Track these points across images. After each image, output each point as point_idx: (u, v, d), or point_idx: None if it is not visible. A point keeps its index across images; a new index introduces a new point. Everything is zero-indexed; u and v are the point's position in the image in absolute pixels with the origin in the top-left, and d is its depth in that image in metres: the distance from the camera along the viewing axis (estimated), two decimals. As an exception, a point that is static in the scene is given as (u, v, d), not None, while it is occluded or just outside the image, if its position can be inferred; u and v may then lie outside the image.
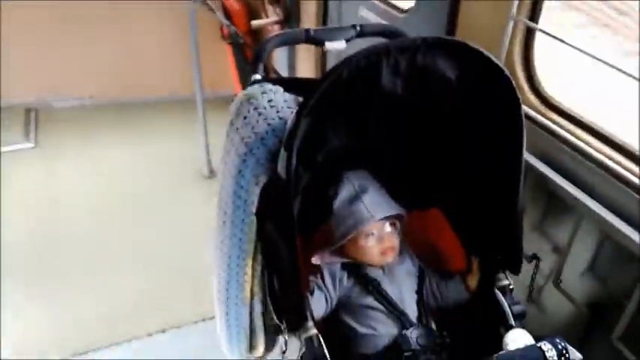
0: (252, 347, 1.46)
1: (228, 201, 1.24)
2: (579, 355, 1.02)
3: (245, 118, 1.18)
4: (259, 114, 1.17)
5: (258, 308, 1.38)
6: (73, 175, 3.02)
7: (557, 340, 1.01)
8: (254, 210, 1.19)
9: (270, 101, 1.19)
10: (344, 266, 1.36)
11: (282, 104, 1.19)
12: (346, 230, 1.29)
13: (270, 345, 1.44)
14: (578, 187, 1.40)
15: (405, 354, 1.24)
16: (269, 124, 1.16)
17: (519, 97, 1.09)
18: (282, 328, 1.19)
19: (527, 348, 1.01)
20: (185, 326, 2.17)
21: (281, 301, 1.18)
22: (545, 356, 0.99)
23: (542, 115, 1.58)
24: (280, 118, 1.17)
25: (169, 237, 2.61)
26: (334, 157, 1.25)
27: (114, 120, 3.54)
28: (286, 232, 1.08)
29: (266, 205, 1.14)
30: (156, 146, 3.33)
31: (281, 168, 1.03)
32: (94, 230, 2.63)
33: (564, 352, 0.99)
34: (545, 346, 1.00)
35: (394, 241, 1.34)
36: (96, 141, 3.32)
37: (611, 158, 1.39)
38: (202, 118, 2.94)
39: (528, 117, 1.56)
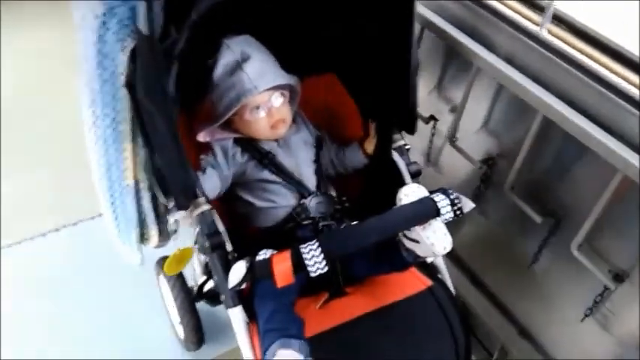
0: (144, 238, 1.39)
1: (93, 74, 1.07)
2: (472, 204, 1.03)
3: (99, -30, 0.99)
4: (117, -37, 0.98)
5: (145, 195, 1.28)
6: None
7: (450, 191, 1.01)
8: (124, 82, 1.04)
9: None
10: (236, 142, 1.27)
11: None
12: (229, 104, 1.18)
13: (165, 234, 1.37)
14: (477, 41, 1.36)
15: (304, 222, 1.22)
16: (129, -25, 0.98)
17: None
18: (170, 207, 1.11)
19: (420, 200, 1.00)
20: (81, 223, 2.04)
21: (166, 178, 1.08)
22: (437, 207, 0.98)
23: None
24: (143, -31, 0.99)
25: (54, 133, 2.37)
26: (212, 17, 1.10)
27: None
28: (159, 99, 0.96)
29: (135, 73, 0.99)
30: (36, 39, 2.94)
31: (141, 21, 0.88)
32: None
33: (456, 201, 1.00)
34: (438, 197, 1.00)
35: (284, 113, 1.25)
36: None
37: (511, 8, 1.35)
38: None
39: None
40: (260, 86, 1.16)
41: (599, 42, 1.24)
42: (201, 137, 1.23)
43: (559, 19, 1.29)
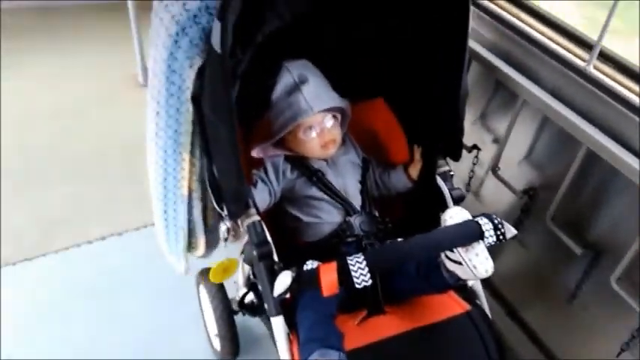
0: (191, 247, 1.44)
1: (160, 89, 1.15)
2: (514, 231, 1.04)
3: (174, -7, 1.08)
4: (190, -12, 1.07)
5: (197, 205, 1.35)
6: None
7: (493, 216, 1.03)
8: (189, 97, 1.12)
9: (202, -26, 1.09)
10: (287, 159, 1.34)
11: (215, -23, 1.10)
12: (284, 122, 1.25)
13: (211, 245, 1.43)
14: (524, 75, 1.40)
15: (349, 239, 1.26)
16: (202, 0, 1.06)
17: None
18: (224, 215, 1.17)
19: (464, 222, 1.03)
20: (126, 233, 2.12)
21: (222, 187, 1.14)
22: (481, 229, 1.01)
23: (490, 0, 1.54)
24: (214, -6, 1.07)
25: (107, 146, 2.49)
26: (274, 41, 1.18)
27: (36, 26, 3.24)
28: (224, 112, 1.03)
29: (202, 88, 1.07)
30: (85, 54, 3.10)
31: (215, 40, 0.95)
32: (25, 144, 2.47)
33: (500, 226, 1.02)
34: (482, 220, 1.02)
35: (335, 134, 1.31)
36: (18, 49, 3.04)
37: (558, 44, 1.39)
38: (134, 19, 2.73)
39: (474, 2, 1.52)
40: (315, 107, 1.23)
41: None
42: (255, 153, 1.30)
43: (605, 57, 1.32)
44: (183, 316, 1.84)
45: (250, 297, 1.44)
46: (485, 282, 1.04)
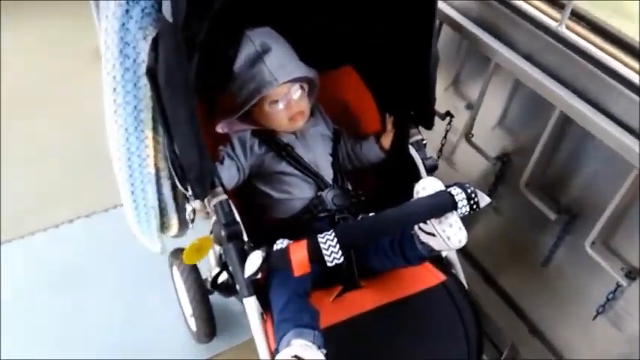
0: (164, 227, 1.40)
1: (115, 63, 1.08)
2: (488, 199, 1.02)
3: (124, -41, 1.00)
4: (140, -48, 0.99)
5: (165, 184, 1.29)
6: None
7: (466, 185, 1.01)
8: (145, 70, 1.06)
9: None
10: (254, 133, 1.28)
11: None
12: (248, 95, 1.19)
13: (184, 223, 1.38)
14: (496, 38, 1.36)
15: (321, 214, 1.22)
16: (153, -35, 0.99)
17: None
18: (188, 195, 1.12)
19: (437, 193, 1.00)
20: (95, 215, 2.05)
21: (184, 166, 1.09)
22: (454, 200, 0.98)
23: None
24: (166, -41, 1.00)
25: (70, 126, 2.39)
26: (234, 8, 1.11)
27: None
28: (180, 86, 0.97)
29: (157, 60, 1.00)
30: (41, 28, 2.96)
31: (166, 9, 0.89)
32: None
33: (473, 195, 1.00)
34: (455, 190, 0.99)
35: (303, 106, 1.26)
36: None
37: (531, 4, 1.34)
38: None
39: (443, -35, 1.47)
40: (280, 78, 1.17)
41: (616, 38, 1.24)
42: (220, 128, 1.24)
43: (578, 16, 1.29)
44: (159, 298, 1.81)
45: (224, 276, 1.41)
46: (461, 250, 1.02)
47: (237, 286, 1.14)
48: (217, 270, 1.42)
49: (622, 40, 1.24)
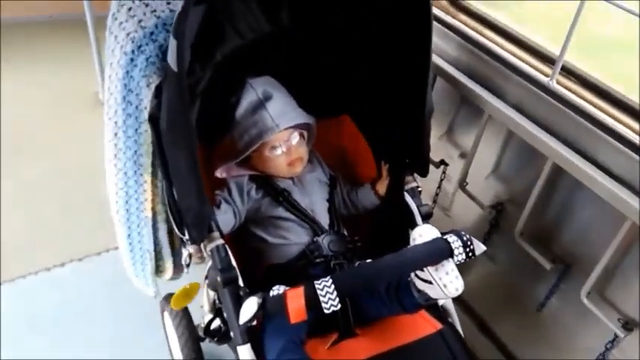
0: (159, 271, 1.39)
1: (117, 109, 1.11)
2: (483, 247, 1.03)
3: (130, 9, 1.04)
4: (146, 5, 1.03)
5: (162, 228, 1.29)
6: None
7: (462, 233, 1.01)
8: (147, 117, 1.08)
9: (157, -10, 1.05)
10: (252, 178, 1.30)
11: (171, -6, 1.06)
12: (250, 141, 1.22)
13: (179, 267, 1.37)
14: (489, 90, 1.40)
15: (317, 260, 1.22)
16: (158, 17, 1.03)
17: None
18: (185, 240, 1.12)
19: (434, 240, 1.01)
20: (87, 258, 2.03)
21: (182, 210, 1.09)
22: (450, 247, 0.99)
23: (452, 16, 1.54)
24: (171, 10, 1.04)
25: (65, 170, 2.39)
26: (235, 58, 1.15)
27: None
28: (182, 132, 0.99)
29: (160, 107, 1.02)
30: (43, 72, 3.00)
31: (171, 58, 0.91)
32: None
33: (469, 243, 1.00)
34: (451, 237, 1.00)
35: (302, 152, 1.29)
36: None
37: (521, 59, 1.40)
38: (94, 34, 2.66)
39: (437, 19, 1.53)
40: (282, 124, 1.20)
41: (605, 93, 1.28)
42: (219, 173, 1.25)
43: (568, 71, 1.34)
44: (149, 343, 1.77)
45: (217, 323, 1.39)
46: (456, 298, 1.02)
47: (232, 333, 1.13)
48: (210, 316, 1.40)
49: (606, 92, 1.28)
